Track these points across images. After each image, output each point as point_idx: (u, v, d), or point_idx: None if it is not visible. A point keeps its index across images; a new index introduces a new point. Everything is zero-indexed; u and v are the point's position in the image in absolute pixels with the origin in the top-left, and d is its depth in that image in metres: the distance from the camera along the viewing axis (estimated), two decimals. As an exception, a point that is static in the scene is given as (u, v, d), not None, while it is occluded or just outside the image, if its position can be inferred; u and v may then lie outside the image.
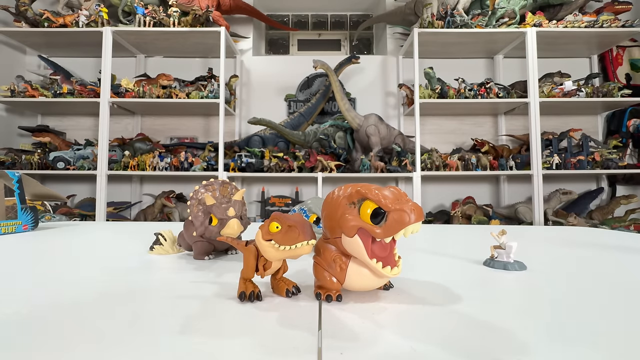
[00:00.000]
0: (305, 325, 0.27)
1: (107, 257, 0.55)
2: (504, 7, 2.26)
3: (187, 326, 0.27)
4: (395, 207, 0.29)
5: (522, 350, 0.23)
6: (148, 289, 0.38)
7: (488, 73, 2.65)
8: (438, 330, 0.27)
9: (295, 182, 2.55)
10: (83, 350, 0.23)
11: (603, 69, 2.63)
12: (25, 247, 0.65)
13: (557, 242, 0.75)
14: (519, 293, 0.37)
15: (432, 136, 2.62)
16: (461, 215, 2.27)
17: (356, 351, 0.23)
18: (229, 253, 0.59)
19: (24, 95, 2.23)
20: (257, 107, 2.66)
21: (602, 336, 0.26)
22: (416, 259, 0.55)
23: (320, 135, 2.40)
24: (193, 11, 2.20)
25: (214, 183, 0.54)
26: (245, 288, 0.34)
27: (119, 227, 1.02)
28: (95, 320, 0.29)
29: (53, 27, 2.21)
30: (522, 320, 0.29)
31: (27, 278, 0.42)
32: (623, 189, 2.54)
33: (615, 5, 2.28)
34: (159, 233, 0.59)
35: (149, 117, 2.63)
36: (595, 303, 0.34)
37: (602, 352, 0.23)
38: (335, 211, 0.32)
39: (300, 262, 0.50)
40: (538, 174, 2.16)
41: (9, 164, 2.21)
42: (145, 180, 2.61)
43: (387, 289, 0.37)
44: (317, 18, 3.02)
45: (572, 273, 0.46)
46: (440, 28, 2.21)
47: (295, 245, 0.31)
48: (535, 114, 2.19)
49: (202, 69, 2.62)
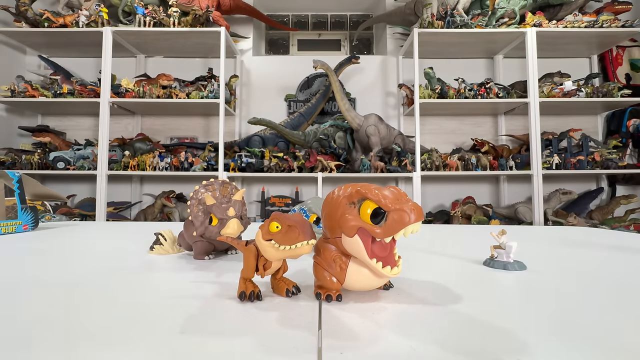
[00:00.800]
0: (305, 325, 0.27)
1: (107, 257, 0.55)
2: (504, 7, 2.26)
3: (187, 326, 0.27)
4: (395, 207, 0.29)
5: (522, 350, 0.23)
6: (148, 289, 0.38)
7: (488, 73, 2.65)
8: (438, 330, 0.27)
9: (295, 182, 2.55)
10: (83, 350, 0.23)
11: (603, 69, 2.63)
12: (25, 247, 0.65)
13: (557, 242, 0.75)
14: (519, 293, 0.37)
15: (432, 136, 2.62)
16: (461, 215, 2.27)
17: (356, 351, 0.23)
18: (229, 253, 0.59)
19: (24, 95, 2.23)
20: (257, 107, 2.66)
21: (602, 336, 0.26)
22: (416, 259, 0.55)
23: (320, 135, 2.40)
24: (193, 11, 2.20)
25: (214, 183, 0.54)
26: (245, 288, 0.34)
27: (119, 227, 1.02)
28: (95, 320, 0.29)
29: (53, 27, 2.21)
30: (522, 320, 0.29)
31: (27, 278, 0.42)
32: (623, 189, 2.54)
33: (615, 5, 2.28)
34: (159, 233, 0.59)
35: (149, 117, 2.63)
36: (595, 303, 0.34)
37: (602, 352, 0.23)
38: (335, 211, 0.32)
39: (300, 262, 0.50)
40: (538, 174, 2.16)
41: (9, 164, 2.21)
42: (145, 180, 2.61)
43: (387, 289, 0.37)
44: (317, 18, 3.02)
45: (571, 273, 0.46)
46: (440, 28, 2.21)
47: (295, 245, 0.31)
48: (535, 114, 2.19)
49: (202, 69, 2.62)
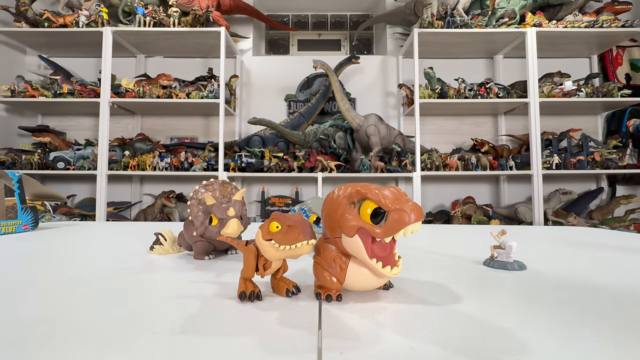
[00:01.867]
0: (305, 325, 0.27)
1: (107, 257, 0.55)
2: (504, 7, 2.26)
3: (187, 326, 0.27)
4: (395, 207, 0.29)
5: (522, 350, 0.23)
6: (148, 289, 0.38)
7: (488, 73, 2.65)
8: (438, 330, 0.27)
9: (295, 182, 2.55)
10: (83, 350, 0.23)
11: (603, 69, 2.63)
12: (25, 247, 0.65)
13: (557, 242, 0.75)
14: (519, 293, 0.37)
15: (432, 136, 2.62)
16: (461, 215, 2.27)
17: (356, 351, 0.23)
18: (229, 253, 0.59)
19: (24, 95, 2.23)
20: (257, 107, 2.66)
21: (602, 336, 0.26)
22: (416, 259, 0.55)
23: (320, 135, 2.40)
24: (193, 11, 2.20)
25: (214, 183, 0.54)
26: (245, 288, 0.34)
27: (119, 227, 1.02)
28: (95, 320, 0.29)
29: (53, 27, 2.21)
30: (522, 320, 0.29)
31: (27, 278, 0.42)
32: (623, 189, 2.54)
33: (615, 5, 2.28)
34: (159, 233, 0.59)
35: (149, 117, 2.63)
36: (595, 303, 0.34)
37: (602, 352, 0.23)
38: (335, 211, 0.32)
39: (300, 262, 0.50)
40: (538, 174, 2.16)
41: (9, 164, 2.21)
42: (145, 180, 2.61)
43: (387, 289, 0.37)
44: (317, 18, 3.02)
45: (572, 273, 0.46)
46: (440, 28, 2.21)
47: (295, 245, 0.31)
48: (535, 114, 2.19)
49: (202, 69, 2.62)
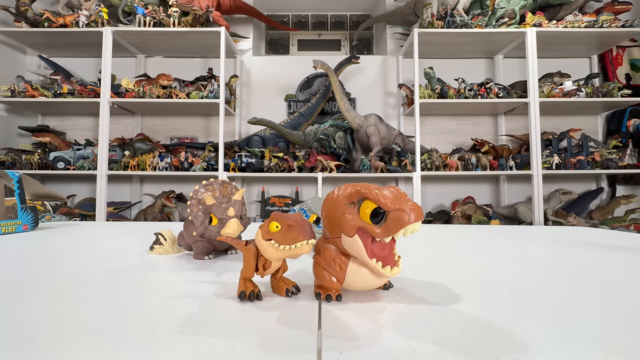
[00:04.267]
0: (304, 325, 0.27)
1: (107, 257, 0.55)
2: (504, 7, 2.26)
3: (187, 326, 0.27)
4: (395, 207, 0.29)
5: (522, 350, 0.23)
6: (148, 288, 0.38)
7: (488, 73, 2.65)
8: (438, 330, 0.26)
9: (295, 182, 2.55)
10: (83, 350, 0.23)
11: (603, 69, 2.63)
12: (25, 247, 0.65)
13: (557, 242, 0.75)
14: (519, 293, 0.37)
15: (432, 136, 2.62)
16: (461, 215, 2.27)
17: (356, 351, 0.23)
18: (229, 253, 0.59)
19: (24, 95, 2.23)
20: (257, 107, 2.66)
21: (602, 336, 0.26)
22: (416, 259, 0.55)
23: (320, 135, 2.40)
24: (193, 11, 2.20)
25: (214, 183, 0.54)
26: (245, 287, 0.34)
27: (119, 227, 1.02)
28: (95, 320, 0.28)
29: (53, 27, 2.21)
30: (522, 320, 0.29)
31: (27, 278, 0.42)
32: (623, 189, 2.54)
33: (615, 5, 2.28)
34: (159, 233, 0.59)
35: (149, 117, 2.63)
36: (595, 303, 0.34)
37: (601, 352, 0.23)
38: (335, 211, 0.32)
39: (300, 262, 0.50)
40: (538, 174, 2.16)
41: (9, 164, 2.21)
42: (145, 180, 2.61)
43: (387, 289, 0.37)
44: (317, 18, 3.02)
45: (571, 273, 0.46)
46: (440, 28, 2.21)
47: (295, 245, 0.31)
48: (535, 114, 2.19)
49: (202, 69, 2.62)
